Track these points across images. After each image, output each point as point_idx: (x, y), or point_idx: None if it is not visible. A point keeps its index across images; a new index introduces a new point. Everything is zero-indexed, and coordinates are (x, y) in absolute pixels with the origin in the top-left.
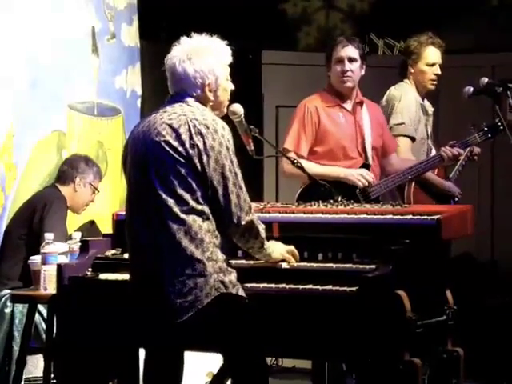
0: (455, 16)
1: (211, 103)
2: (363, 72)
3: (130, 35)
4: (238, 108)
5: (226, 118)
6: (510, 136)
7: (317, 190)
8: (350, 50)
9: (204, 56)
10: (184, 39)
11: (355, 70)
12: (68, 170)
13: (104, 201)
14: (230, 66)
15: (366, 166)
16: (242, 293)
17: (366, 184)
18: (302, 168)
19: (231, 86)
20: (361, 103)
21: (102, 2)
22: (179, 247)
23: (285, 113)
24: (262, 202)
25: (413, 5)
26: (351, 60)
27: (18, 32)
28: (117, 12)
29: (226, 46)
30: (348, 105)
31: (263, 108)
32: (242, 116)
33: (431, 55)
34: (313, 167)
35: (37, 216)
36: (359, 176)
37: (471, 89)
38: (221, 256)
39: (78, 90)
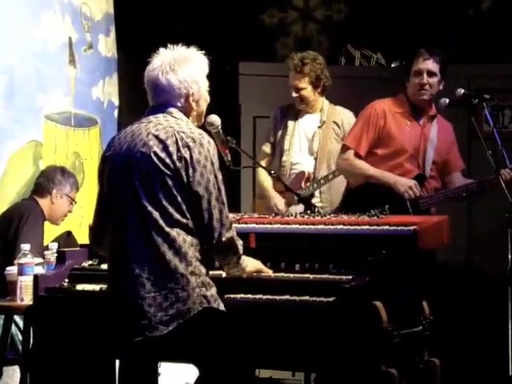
0: (431, 28)
1: (194, 113)
2: (441, 87)
3: (108, 46)
4: (215, 119)
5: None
6: (485, 147)
7: (364, 192)
8: (431, 64)
9: (187, 66)
10: (163, 51)
11: (433, 84)
12: (44, 183)
13: (80, 211)
14: (208, 76)
15: (421, 176)
16: (222, 307)
17: (413, 197)
18: (278, 178)
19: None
20: (433, 117)
21: (78, 12)
22: (163, 260)
23: (262, 123)
24: (239, 213)
25: (389, 17)
26: (430, 74)
27: None
28: (94, 23)
29: (204, 56)
30: (419, 116)
31: (240, 119)
32: (219, 127)
33: None
34: (367, 168)
35: (13, 227)
36: (407, 187)
37: (447, 100)
38: (203, 270)
39: (54, 101)
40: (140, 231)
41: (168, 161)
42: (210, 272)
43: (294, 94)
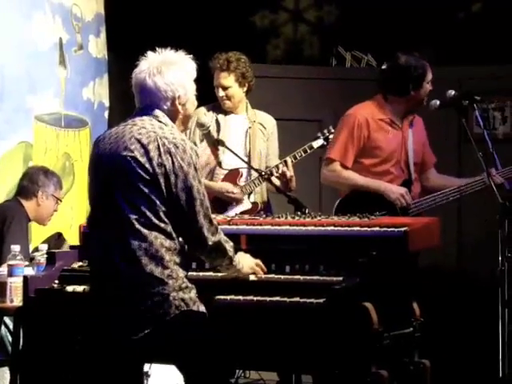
0: (421, 29)
1: (181, 116)
2: None
3: (98, 47)
4: (205, 120)
5: None
6: (476, 150)
7: (356, 200)
8: None
9: (174, 69)
10: (151, 54)
11: None
12: (29, 185)
13: (71, 212)
14: (199, 78)
15: (407, 181)
16: (202, 309)
17: (405, 204)
18: (269, 180)
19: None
20: (412, 120)
21: (69, 13)
22: (139, 264)
23: None
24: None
25: (380, 18)
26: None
27: None
28: (84, 24)
29: (192, 60)
30: (401, 120)
31: None
32: (210, 128)
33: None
34: (355, 178)
35: None
36: (399, 195)
37: (438, 102)
38: (181, 273)
39: (45, 102)
40: (118, 234)
41: (147, 166)
42: (201, 274)
43: (221, 93)
